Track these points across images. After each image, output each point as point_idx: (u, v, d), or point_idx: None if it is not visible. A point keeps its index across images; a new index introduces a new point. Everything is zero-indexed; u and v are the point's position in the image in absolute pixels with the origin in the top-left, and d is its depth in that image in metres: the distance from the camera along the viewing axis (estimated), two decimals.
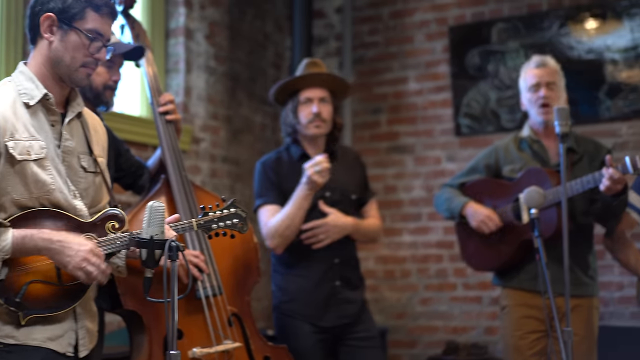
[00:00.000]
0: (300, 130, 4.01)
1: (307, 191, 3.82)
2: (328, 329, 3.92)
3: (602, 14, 5.73)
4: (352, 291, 4.00)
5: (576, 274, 3.95)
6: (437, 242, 6.15)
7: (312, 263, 3.95)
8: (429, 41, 6.27)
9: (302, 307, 3.93)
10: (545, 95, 4.02)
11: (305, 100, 3.97)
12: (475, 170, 4.27)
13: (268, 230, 3.90)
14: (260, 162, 4.09)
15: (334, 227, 3.93)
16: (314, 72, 4.03)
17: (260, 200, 4.01)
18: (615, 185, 3.64)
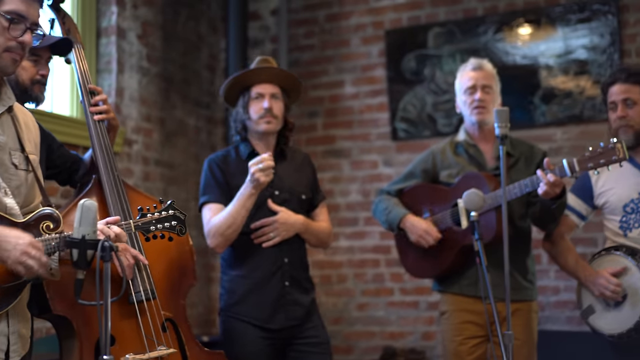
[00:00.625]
0: (250, 126, 3.90)
1: (251, 190, 3.71)
2: (276, 332, 3.81)
3: (537, 19, 5.77)
4: (301, 293, 3.91)
5: (516, 278, 3.93)
6: (374, 247, 6.11)
7: (261, 263, 3.84)
8: (365, 45, 6.24)
9: (249, 309, 3.82)
10: (480, 98, 4.01)
11: (257, 95, 3.88)
12: (412, 175, 4.23)
13: (209, 229, 3.80)
14: (208, 159, 3.99)
15: (284, 224, 3.83)
16: (265, 67, 3.94)
17: (204, 198, 3.90)
18: (554, 188, 3.63)
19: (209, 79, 6.46)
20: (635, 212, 3.85)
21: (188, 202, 6.10)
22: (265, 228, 3.82)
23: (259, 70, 3.91)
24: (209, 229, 3.81)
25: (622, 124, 3.87)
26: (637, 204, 3.85)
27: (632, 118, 3.86)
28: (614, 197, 3.92)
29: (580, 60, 5.64)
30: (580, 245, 5.27)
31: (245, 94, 3.91)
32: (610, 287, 3.78)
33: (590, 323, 3.92)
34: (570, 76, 5.66)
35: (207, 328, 6.22)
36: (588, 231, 5.39)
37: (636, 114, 3.87)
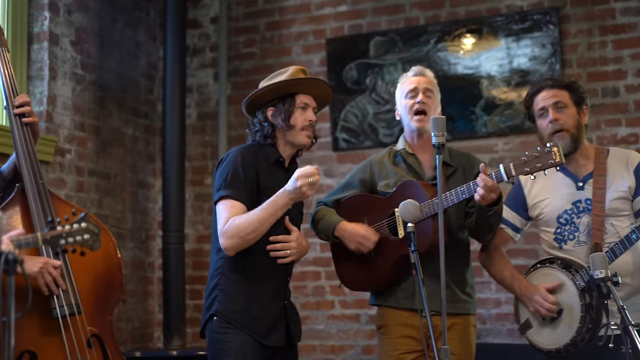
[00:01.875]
0: (287, 135, 3.76)
1: (288, 200, 3.55)
2: (268, 348, 3.67)
3: (479, 29, 5.74)
4: (295, 313, 3.83)
5: (453, 290, 3.86)
6: (314, 259, 6.01)
7: (269, 276, 3.69)
8: (307, 54, 6.17)
9: (249, 320, 3.64)
10: (422, 100, 3.93)
11: (303, 105, 3.76)
12: (350, 185, 4.13)
13: (229, 228, 3.55)
14: (239, 150, 3.73)
15: (300, 246, 3.73)
16: (316, 79, 3.90)
17: (227, 192, 3.62)
18: (490, 193, 3.56)
19: (148, 88, 6.32)
20: (570, 224, 3.81)
21: (124, 213, 5.95)
22: (286, 244, 3.69)
23: (307, 81, 3.81)
24: (228, 229, 3.55)
25: (556, 128, 3.81)
26: (570, 215, 3.81)
27: (565, 121, 3.82)
28: (548, 209, 3.87)
29: (522, 70, 5.62)
30: (520, 257, 5.30)
31: (286, 100, 3.76)
32: (545, 305, 3.73)
33: (528, 337, 3.86)
34: (512, 86, 5.64)
35: (142, 343, 6.06)
36: (529, 243, 5.40)
37: (568, 118, 3.83)
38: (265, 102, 3.80)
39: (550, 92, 3.86)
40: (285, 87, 3.76)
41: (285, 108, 3.74)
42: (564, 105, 3.83)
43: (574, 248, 3.79)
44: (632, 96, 5.39)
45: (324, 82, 3.90)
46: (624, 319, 3.21)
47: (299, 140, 3.76)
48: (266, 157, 3.76)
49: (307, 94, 3.79)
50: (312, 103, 3.80)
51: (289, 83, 3.75)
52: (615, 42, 5.46)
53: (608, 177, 3.80)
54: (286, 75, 3.79)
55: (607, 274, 3.34)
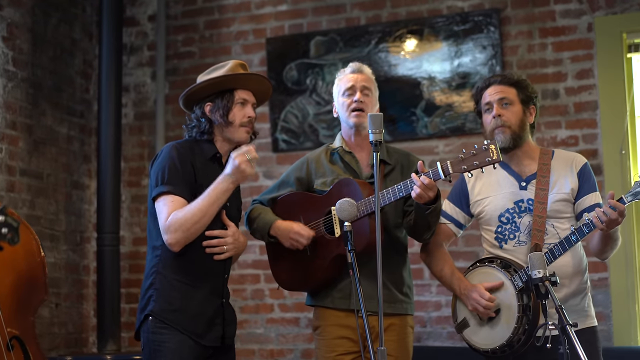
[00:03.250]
0: (225, 131, 3.67)
1: (230, 184, 3.48)
2: (206, 348, 3.57)
3: (420, 30, 5.70)
4: (232, 312, 3.73)
5: (390, 290, 3.81)
6: (254, 262, 5.93)
7: (206, 274, 3.60)
8: (246, 53, 6.09)
9: (186, 319, 3.53)
10: (359, 98, 3.88)
11: (242, 101, 3.69)
12: (285, 184, 4.06)
13: (172, 223, 3.45)
14: (172, 145, 3.65)
15: (237, 241, 3.66)
16: (256, 74, 3.83)
17: (166, 188, 3.53)
18: (427, 191, 3.52)
19: (83, 86, 6.18)
20: (511, 223, 3.78)
21: (58, 215, 5.79)
22: (222, 239, 3.60)
23: (246, 77, 3.73)
24: (171, 223, 3.46)
25: (498, 124, 3.79)
26: (512, 214, 3.78)
27: (509, 118, 3.79)
28: (490, 207, 3.84)
29: (463, 72, 5.60)
30: (461, 259, 5.27)
31: (224, 96, 3.66)
32: (483, 303, 3.69)
33: (464, 337, 3.82)
34: (453, 88, 5.61)
35: (76, 348, 5.90)
36: (470, 245, 5.39)
37: (512, 115, 3.81)
38: (203, 97, 3.71)
39: (497, 88, 3.84)
40: (224, 82, 3.68)
41: (224, 104, 3.66)
42: (510, 102, 3.81)
43: (514, 248, 3.76)
44: (572, 98, 5.40)
45: (263, 78, 3.83)
46: (562, 319, 3.17)
47: (238, 137, 3.68)
48: (202, 153, 3.67)
49: (246, 90, 3.72)
50: (252, 99, 3.73)
51: (228, 78, 3.67)
52: (555, 44, 5.47)
53: (551, 179, 3.79)
54: (225, 69, 3.70)
55: (545, 274, 3.31)
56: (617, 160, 5.23)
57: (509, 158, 3.83)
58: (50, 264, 5.64)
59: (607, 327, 5.14)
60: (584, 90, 5.38)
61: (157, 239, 3.60)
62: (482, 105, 3.89)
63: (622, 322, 5.13)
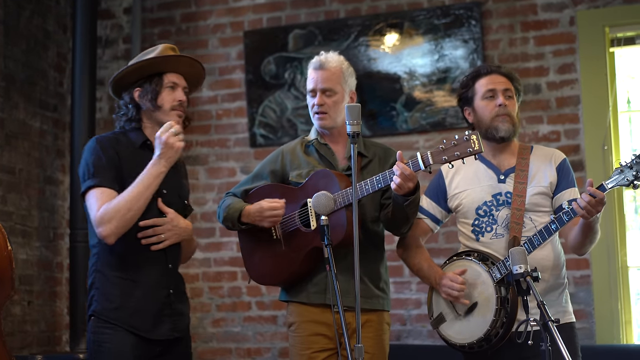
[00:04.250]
0: (156, 116, 3.56)
1: (162, 166, 3.39)
2: (153, 343, 3.47)
3: (400, 24, 5.63)
4: (183, 303, 3.61)
5: (367, 285, 3.73)
6: (231, 259, 5.86)
7: (146, 266, 3.49)
8: (224, 46, 6.01)
9: (129, 316, 3.43)
10: (319, 102, 3.80)
11: (172, 84, 3.58)
12: (260, 176, 3.96)
13: (103, 215, 3.34)
14: (96, 138, 3.55)
15: (176, 227, 3.52)
16: (185, 56, 3.68)
17: (93, 181, 3.42)
18: (407, 182, 3.44)
19: (57, 80, 6.06)
20: (488, 216, 3.73)
21: (30, 210, 5.67)
22: (157, 228, 3.48)
23: (176, 59, 3.62)
24: (103, 215, 3.34)
25: (502, 112, 3.73)
26: (490, 207, 3.73)
27: (512, 110, 3.76)
28: (467, 200, 3.79)
29: (443, 66, 5.54)
30: (442, 256, 5.17)
31: (153, 80, 3.55)
32: (455, 287, 3.63)
33: (441, 332, 3.76)
34: (433, 83, 5.55)
35: (49, 346, 5.78)
36: (450, 242, 5.33)
37: (513, 107, 3.78)
38: (132, 83, 3.60)
39: (500, 78, 3.79)
40: (151, 65, 3.57)
41: (152, 88, 3.56)
42: (511, 95, 3.78)
43: (491, 240, 3.71)
44: (554, 93, 5.34)
45: (194, 60, 3.71)
46: (544, 315, 3.09)
47: (169, 121, 3.54)
48: (130, 143, 3.58)
49: (176, 73, 3.62)
50: (182, 82, 3.63)
51: (156, 61, 3.56)
52: (537, 38, 5.41)
53: (530, 172, 3.74)
54: (154, 53, 3.60)
55: (527, 269, 3.23)
56: (600, 156, 5.19)
57: (488, 151, 3.76)
58: (23, 261, 5.53)
59: (590, 325, 5.09)
60: (566, 85, 5.33)
61: (93, 236, 3.51)
62: (479, 90, 3.80)
63: (605, 320, 5.08)
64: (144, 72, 3.57)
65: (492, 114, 3.74)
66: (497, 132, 3.72)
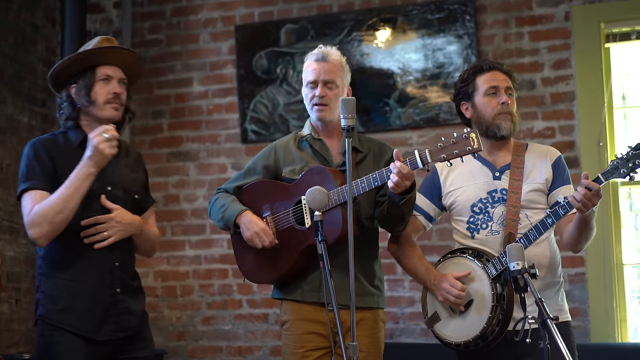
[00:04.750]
0: (90, 111, 3.47)
1: (90, 168, 3.30)
2: (104, 345, 3.39)
3: (393, 19, 5.58)
4: (134, 301, 3.52)
5: (361, 283, 3.66)
6: (221, 256, 5.81)
7: (90, 266, 3.40)
8: (215, 41, 5.96)
9: (75, 318, 3.36)
10: (320, 94, 3.73)
11: (105, 77, 3.47)
12: (252, 172, 3.88)
13: (33, 217, 3.29)
14: (31, 142, 3.49)
15: (120, 223, 3.44)
16: (116, 47, 3.56)
17: (26, 185, 3.38)
18: (404, 181, 3.37)
19: (45, 74, 5.93)
20: (483, 213, 3.68)
21: (18, 206, 5.53)
22: (99, 226, 3.40)
23: (109, 51, 3.51)
24: (33, 217, 3.29)
25: (505, 110, 3.69)
26: (485, 204, 3.69)
27: (512, 107, 3.73)
28: (462, 197, 3.74)
29: (437, 62, 5.49)
30: (435, 253, 5.16)
31: (86, 74, 3.47)
32: (454, 292, 3.57)
33: (435, 331, 3.70)
34: (427, 78, 5.50)
35: None
36: (443, 239, 5.29)
37: (513, 104, 3.75)
38: (68, 79, 3.52)
39: (503, 76, 3.74)
40: (85, 59, 3.48)
41: (86, 82, 3.47)
42: (512, 93, 3.75)
43: (487, 237, 3.66)
44: (549, 89, 5.31)
45: (126, 50, 3.61)
46: (543, 313, 3.04)
47: (105, 115, 3.47)
48: (68, 143, 3.50)
49: (110, 65, 3.51)
50: (117, 74, 3.52)
51: (89, 54, 3.47)
52: (532, 33, 5.37)
53: (525, 170, 3.71)
54: (90, 46, 3.51)
55: (525, 266, 3.19)
56: (595, 153, 5.16)
57: (484, 149, 3.70)
58: (10, 258, 5.45)
59: (584, 323, 5.06)
60: (561, 81, 5.29)
61: None
62: (480, 87, 3.74)
63: (600, 318, 5.05)
64: (78, 67, 3.48)
65: (494, 111, 3.69)
66: (498, 130, 3.67)
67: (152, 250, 3.78)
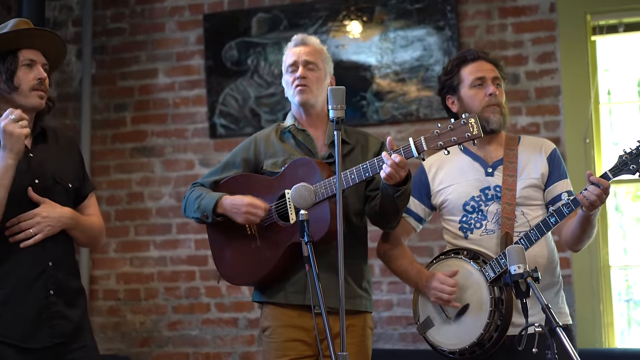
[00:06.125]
0: (13, 99, 3.18)
1: (8, 159, 3.02)
2: (37, 352, 3.12)
3: (370, 8, 5.38)
4: (69, 304, 3.24)
5: (349, 284, 3.46)
6: (188, 258, 5.60)
7: (18, 267, 3.14)
8: (182, 30, 5.74)
9: (4, 325, 3.08)
10: (301, 75, 3.56)
11: (28, 62, 3.20)
12: (231, 165, 3.68)
13: None
14: None
15: (47, 218, 3.17)
16: (39, 30, 3.31)
17: None
18: (398, 170, 3.20)
19: None
20: (477, 211, 3.52)
21: None
22: (23, 223, 3.14)
23: (36, 33, 3.25)
24: None
25: (494, 102, 3.53)
26: (478, 202, 3.53)
27: (500, 98, 3.57)
28: (453, 195, 3.57)
29: (417, 54, 5.29)
30: (415, 254, 4.82)
31: (7, 58, 3.18)
32: (446, 289, 3.40)
33: (428, 338, 3.52)
34: (406, 71, 5.30)
35: None
36: (423, 239, 5.10)
37: (501, 95, 3.59)
38: None
39: (489, 65, 3.60)
40: (3, 42, 3.20)
41: (7, 67, 3.19)
42: (500, 84, 3.60)
43: (481, 237, 3.50)
44: (533, 83, 5.14)
45: (52, 33, 3.35)
46: (550, 320, 2.84)
47: (30, 103, 3.21)
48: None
49: (33, 49, 3.25)
50: (41, 59, 3.26)
51: (8, 36, 3.19)
52: (516, 25, 5.20)
53: (519, 165, 3.56)
54: (6, 29, 3.23)
55: (527, 269, 3.00)
56: (581, 149, 4.99)
57: (476, 142, 3.51)
58: None
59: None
60: (545, 75, 5.13)
61: None
62: (466, 78, 3.59)
63: (586, 322, 4.89)
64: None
65: (482, 103, 3.54)
66: (488, 123, 3.51)
67: (95, 241, 3.52)
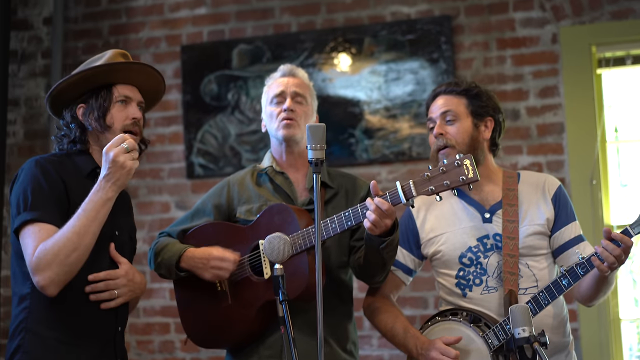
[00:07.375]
0: (103, 139, 2.92)
1: (108, 191, 2.75)
2: None
3: (359, 40, 5.14)
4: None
5: (331, 347, 3.19)
6: (162, 309, 5.31)
7: (93, 329, 2.90)
8: (158, 62, 5.46)
9: None
10: (289, 107, 3.28)
11: (124, 98, 2.97)
12: (201, 212, 3.39)
13: (41, 257, 2.71)
14: (37, 160, 2.90)
15: (131, 283, 2.94)
16: (140, 64, 3.10)
17: (31, 215, 2.79)
18: (383, 219, 2.88)
19: None
20: (475, 264, 3.18)
21: None
22: (110, 282, 2.88)
23: (133, 67, 3.03)
24: (40, 258, 2.70)
25: (440, 145, 3.20)
26: (476, 253, 3.18)
27: (453, 136, 3.20)
28: (447, 246, 3.23)
29: (409, 88, 5.04)
30: (407, 306, 4.77)
31: (100, 94, 2.94)
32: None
33: None
34: (397, 107, 5.04)
35: None
36: (416, 289, 4.81)
37: (458, 132, 3.22)
38: (74, 98, 2.99)
39: (441, 100, 3.28)
40: (97, 75, 2.96)
41: (99, 104, 2.95)
42: (455, 117, 3.23)
43: (482, 296, 3.15)
44: (534, 120, 4.89)
45: (150, 68, 3.10)
46: None
47: None
48: (76, 169, 2.94)
49: (129, 85, 3.00)
50: (137, 96, 3.03)
51: (103, 69, 2.96)
52: (515, 57, 4.97)
53: (521, 208, 3.22)
54: (102, 60, 2.99)
55: (532, 332, 2.74)
56: (587, 192, 4.73)
57: None
58: None
59: None
60: (548, 111, 4.89)
61: (24, 285, 2.84)
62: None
63: None
64: (88, 84, 2.96)
65: (433, 148, 3.25)
66: None
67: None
